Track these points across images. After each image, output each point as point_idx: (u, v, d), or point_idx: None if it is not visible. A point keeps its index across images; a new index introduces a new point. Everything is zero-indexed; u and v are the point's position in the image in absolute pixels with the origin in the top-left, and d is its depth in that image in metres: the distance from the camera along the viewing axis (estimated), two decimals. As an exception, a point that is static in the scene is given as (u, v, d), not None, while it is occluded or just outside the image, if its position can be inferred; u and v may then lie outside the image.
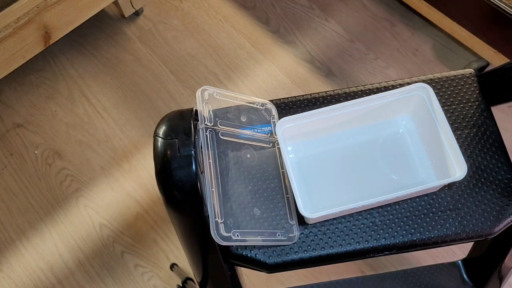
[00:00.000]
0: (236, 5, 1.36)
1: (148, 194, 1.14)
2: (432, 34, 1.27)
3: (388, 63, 1.25)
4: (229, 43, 1.30)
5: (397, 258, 1.05)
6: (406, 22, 1.29)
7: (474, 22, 1.11)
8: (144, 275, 1.05)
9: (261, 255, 0.56)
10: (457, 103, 0.64)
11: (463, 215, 0.57)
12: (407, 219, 0.57)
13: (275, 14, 1.33)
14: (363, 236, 0.56)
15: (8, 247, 1.09)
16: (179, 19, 1.34)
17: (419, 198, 0.58)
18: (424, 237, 0.56)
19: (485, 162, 0.60)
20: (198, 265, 0.61)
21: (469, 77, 0.65)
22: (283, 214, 0.57)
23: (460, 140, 0.61)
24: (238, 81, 1.25)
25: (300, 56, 1.27)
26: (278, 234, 0.55)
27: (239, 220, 0.55)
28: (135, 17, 1.35)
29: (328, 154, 0.61)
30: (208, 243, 0.54)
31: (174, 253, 1.07)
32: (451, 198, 0.58)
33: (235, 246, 0.56)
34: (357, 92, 0.64)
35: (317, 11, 1.33)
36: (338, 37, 1.29)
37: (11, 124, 1.22)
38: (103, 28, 1.34)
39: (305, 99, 0.64)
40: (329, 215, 0.55)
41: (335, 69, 1.25)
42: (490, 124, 0.62)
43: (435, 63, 1.24)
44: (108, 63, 1.29)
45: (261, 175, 0.59)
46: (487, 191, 0.58)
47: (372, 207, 0.57)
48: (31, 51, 1.11)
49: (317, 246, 0.56)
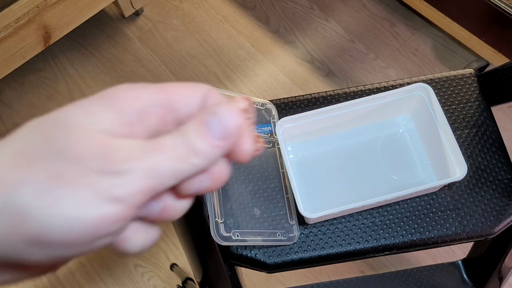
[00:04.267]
0: (236, 5, 1.36)
1: (148, 194, 1.13)
2: (432, 34, 1.27)
3: (388, 63, 1.25)
4: (229, 43, 1.30)
5: (397, 258, 1.05)
6: (406, 22, 1.29)
7: (474, 22, 1.11)
8: (144, 275, 1.05)
9: (261, 255, 0.56)
10: (457, 103, 0.64)
11: (463, 215, 0.57)
12: (407, 219, 0.57)
13: (275, 14, 1.33)
14: (363, 236, 0.56)
15: (8, 247, 1.09)
16: (179, 19, 1.35)
17: (419, 198, 0.58)
18: (424, 237, 0.56)
19: (485, 162, 0.60)
20: (198, 265, 0.61)
21: (469, 77, 0.65)
22: (283, 214, 0.57)
23: (460, 140, 0.61)
24: (238, 81, 1.25)
25: (300, 56, 1.27)
26: (278, 234, 0.55)
27: (239, 220, 0.55)
28: (135, 17, 1.35)
29: (328, 154, 0.61)
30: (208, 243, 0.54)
31: (174, 253, 1.07)
32: (451, 198, 0.58)
33: (235, 246, 0.56)
34: (357, 92, 0.64)
35: (317, 11, 1.33)
36: (338, 37, 1.29)
37: (11, 124, 1.22)
38: (103, 28, 1.34)
39: (305, 99, 0.64)
40: (329, 215, 0.55)
41: (335, 69, 1.25)
42: (490, 124, 0.62)
43: (435, 63, 1.24)
44: (108, 63, 1.29)
45: (261, 175, 0.59)
46: (487, 191, 0.58)
47: (372, 207, 0.57)
48: (31, 51, 1.11)
49: (317, 246, 0.56)
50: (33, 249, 0.20)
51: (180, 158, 0.21)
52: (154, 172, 0.21)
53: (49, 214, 0.19)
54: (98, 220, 0.20)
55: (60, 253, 0.21)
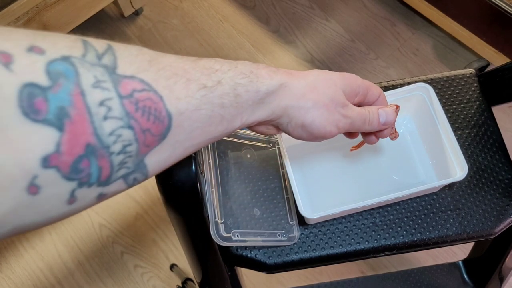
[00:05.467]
0: (236, 4, 1.35)
1: (148, 194, 1.13)
2: (433, 34, 1.27)
3: (388, 63, 1.25)
4: (229, 42, 1.30)
5: (398, 259, 1.05)
6: (407, 22, 1.29)
7: (475, 22, 1.11)
8: (143, 275, 1.05)
9: (261, 256, 0.55)
10: (458, 103, 0.63)
11: (463, 215, 0.57)
12: (407, 219, 0.57)
13: (275, 14, 1.33)
14: (364, 236, 0.56)
15: (8, 247, 1.09)
16: (179, 18, 1.34)
17: (419, 198, 0.58)
18: (425, 237, 0.56)
19: (485, 162, 0.60)
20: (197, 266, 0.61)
21: (470, 77, 0.65)
22: (283, 214, 0.57)
23: (461, 140, 0.61)
24: (238, 81, 1.24)
25: (300, 56, 1.27)
26: (278, 235, 0.55)
27: (239, 221, 0.54)
28: (135, 16, 1.35)
29: (328, 154, 0.61)
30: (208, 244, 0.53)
31: (173, 253, 1.07)
32: (451, 198, 0.57)
33: (235, 247, 0.56)
34: (357, 92, 0.64)
35: (318, 10, 1.33)
36: (339, 37, 1.29)
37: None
38: (103, 28, 1.33)
39: (305, 99, 0.64)
40: (329, 215, 0.54)
41: (335, 69, 1.25)
42: (491, 124, 0.62)
43: (435, 63, 1.24)
44: (108, 63, 1.29)
45: (261, 175, 0.59)
46: (487, 191, 0.58)
47: (373, 208, 0.57)
48: (31, 51, 1.11)
49: (317, 246, 0.56)
50: (295, 128, 0.38)
51: (364, 120, 0.42)
52: (352, 119, 0.41)
53: (315, 121, 0.38)
54: (332, 131, 0.40)
55: (308, 135, 0.39)
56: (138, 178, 0.27)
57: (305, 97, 0.36)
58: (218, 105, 0.30)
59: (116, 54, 0.26)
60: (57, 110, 0.21)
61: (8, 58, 0.20)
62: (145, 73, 0.26)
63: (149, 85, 0.26)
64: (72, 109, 0.22)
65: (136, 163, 0.26)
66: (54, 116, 0.21)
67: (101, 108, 0.23)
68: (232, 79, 0.31)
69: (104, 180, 0.25)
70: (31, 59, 0.21)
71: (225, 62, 0.32)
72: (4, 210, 0.21)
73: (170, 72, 0.27)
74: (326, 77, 0.39)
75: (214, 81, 0.30)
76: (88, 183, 0.24)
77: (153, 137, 0.26)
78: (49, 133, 0.21)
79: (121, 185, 0.27)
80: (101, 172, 0.24)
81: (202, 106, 0.29)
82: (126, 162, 0.25)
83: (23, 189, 0.21)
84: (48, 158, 0.21)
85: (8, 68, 0.20)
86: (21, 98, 0.20)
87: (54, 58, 0.22)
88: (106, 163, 0.24)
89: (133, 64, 0.26)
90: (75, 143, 0.22)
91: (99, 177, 0.24)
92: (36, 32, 0.23)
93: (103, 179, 0.24)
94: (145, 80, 0.26)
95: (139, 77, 0.26)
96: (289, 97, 0.35)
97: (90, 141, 0.23)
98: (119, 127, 0.24)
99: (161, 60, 0.28)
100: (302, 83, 0.36)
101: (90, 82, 0.23)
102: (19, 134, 0.20)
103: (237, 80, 0.31)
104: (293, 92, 0.36)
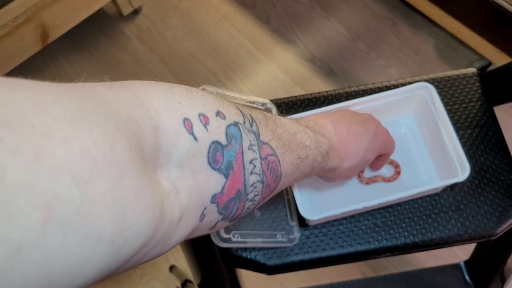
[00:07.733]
0: (236, 3, 1.35)
1: (147, 194, 1.13)
2: (434, 33, 1.26)
3: (390, 62, 1.24)
4: (229, 42, 1.29)
5: (399, 260, 1.04)
6: (408, 21, 1.28)
7: (477, 21, 1.11)
8: (143, 277, 1.05)
9: (261, 257, 0.55)
10: (460, 102, 0.63)
11: (465, 216, 0.56)
12: (409, 220, 0.56)
13: (276, 13, 1.33)
14: (365, 237, 0.55)
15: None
16: (178, 18, 1.34)
17: (421, 199, 0.57)
18: (426, 238, 0.55)
19: (487, 163, 0.59)
20: (197, 267, 0.61)
21: (472, 76, 0.64)
22: (284, 215, 0.56)
23: (463, 140, 0.60)
24: (238, 81, 1.24)
25: (300, 55, 1.26)
26: (278, 236, 0.54)
27: (239, 221, 0.54)
28: (134, 16, 1.34)
29: (329, 154, 0.60)
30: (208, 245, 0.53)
31: (173, 254, 1.06)
32: (453, 199, 0.57)
33: (235, 248, 0.55)
34: (358, 92, 0.63)
35: (318, 9, 1.32)
36: (340, 36, 1.28)
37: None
38: (102, 27, 1.33)
39: (306, 99, 0.63)
40: (330, 216, 0.54)
41: (336, 68, 1.24)
42: (493, 124, 0.61)
43: (437, 63, 1.23)
44: (107, 62, 1.28)
45: (261, 175, 0.58)
46: (489, 192, 0.57)
47: (374, 209, 0.57)
48: (29, 50, 1.11)
49: (317, 247, 0.55)
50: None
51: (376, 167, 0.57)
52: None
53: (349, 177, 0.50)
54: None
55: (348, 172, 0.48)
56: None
57: (351, 171, 0.47)
58: (301, 172, 0.39)
59: (258, 124, 0.34)
60: (227, 163, 0.29)
61: (206, 120, 0.28)
62: (273, 141, 0.34)
63: (275, 151, 0.34)
64: (235, 164, 0.30)
65: (251, 209, 0.34)
66: (225, 167, 0.29)
67: (250, 165, 0.31)
68: (314, 156, 0.40)
69: (234, 218, 0.32)
70: (218, 122, 0.29)
71: (312, 140, 0.40)
72: (189, 231, 0.28)
73: (282, 142, 0.36)
74: (374, 154, 0.49)
75: (304, 154, 0.39)
76: (227, 218, 0.31)
77: (269, 191, 0.35)
78: (220, 178, 0.29)
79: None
80: (237, 212, 0.32)
81: (295, 171, 0.38)
82: (249, 208, 0.33)
83: (198, 217, 0.29)
84: (215, 196, 0.29)
85: (205, 128, 0.28)
86: (210, 151, 0.28)
87: (230, 123, 0.30)
88: (242, 206, 0.32)
89: (266, 133, 0.34)
90: (232, 188, 0.30)
91: (234, 215, 0.32)
92: (219, 99, 0.31)
93: (235, 217, 0.32)
94: (273, 147, 0.34)
95: (270, 144, 0.34)
96: (339, 169, 0.47)
97: (240, 188, 0.30)
98: (257, 181, 0.32)
99: (277, 131, 0.36)
100: (353, 163, 0.47)
101: (247, 144, 0.31)
102: (204, 176, 0.28)
103: (317, 158, 0.41)
104: (344, 167, 0.47)
